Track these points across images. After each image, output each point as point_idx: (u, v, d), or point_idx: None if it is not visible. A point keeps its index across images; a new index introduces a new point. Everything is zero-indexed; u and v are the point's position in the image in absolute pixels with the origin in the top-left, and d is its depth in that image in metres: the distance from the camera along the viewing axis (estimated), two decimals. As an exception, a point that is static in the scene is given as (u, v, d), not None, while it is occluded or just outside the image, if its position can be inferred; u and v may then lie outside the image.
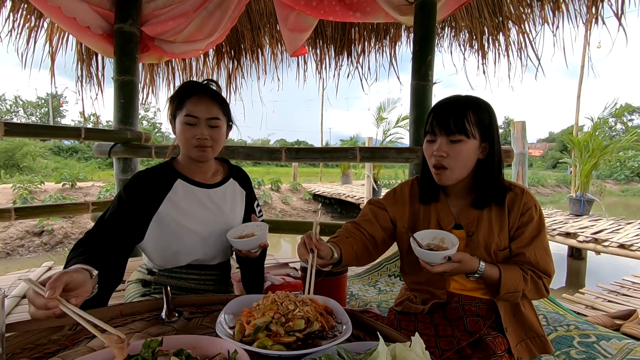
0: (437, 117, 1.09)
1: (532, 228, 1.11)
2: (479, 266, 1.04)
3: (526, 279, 1.06)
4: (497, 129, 1.13)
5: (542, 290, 1.09)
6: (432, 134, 1.11)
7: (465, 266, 1.02)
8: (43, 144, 16.85)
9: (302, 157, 2.48)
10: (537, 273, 1.08)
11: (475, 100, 1.10)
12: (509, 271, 1.06)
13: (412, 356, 0.66)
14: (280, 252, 7.12)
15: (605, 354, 1.38)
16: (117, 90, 2.70)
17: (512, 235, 1.13)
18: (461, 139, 1.06)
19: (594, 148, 6.35)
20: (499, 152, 1.12)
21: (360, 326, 0.91)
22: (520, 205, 1.12)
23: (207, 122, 1.22)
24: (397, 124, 10.22)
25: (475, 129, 1.07)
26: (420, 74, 2.45)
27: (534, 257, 1.09)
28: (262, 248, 1.24)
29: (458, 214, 1.18)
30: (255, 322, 0.76)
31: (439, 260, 0.99)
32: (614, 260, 5.33)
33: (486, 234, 1.12)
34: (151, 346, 0.66)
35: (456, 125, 1.06)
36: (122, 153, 2.64)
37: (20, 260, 5.84)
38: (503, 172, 1.17)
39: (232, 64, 3.76)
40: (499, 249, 1.12)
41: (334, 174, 17.28)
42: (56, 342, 0.79)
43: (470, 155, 1.09)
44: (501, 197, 1.13)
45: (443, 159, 1.08)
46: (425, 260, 1.01)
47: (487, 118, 1.09)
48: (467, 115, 1.06)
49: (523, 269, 1.08)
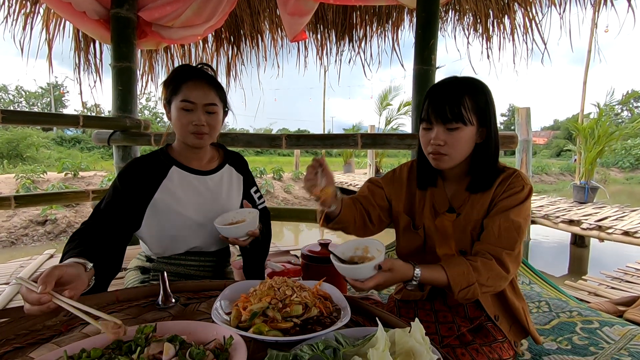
0: (432, 105, 1.04)
1: (507, 203, 1.04)
2: (414, 272, 0.94)
3: (475, 267, 0.96)
4: (494, 112, 1.09)
5: (499, 270, 0.97)
6: (428, 122, 1.07)
7: (398, 275, 0.92)
8: (46, 135, 16.90)
9: (303, 144, 2.45)
10: (488, 254, 0.99)
11: (471, 83, 1.05)
12: (453, 267, 0.97)
13: (411, 342, 0.64)
14: (282, 241, 7.15)
15: (609, 339, 1.37)
16: (115, 77, 2.66)
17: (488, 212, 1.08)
18: (458, 127, 1.02)
19: (600, 135, 6.26)
20: (496, 136, 1.08)
21: (360, 312, 0.90)
22: (506, 184, 1.07)
23: (204, 107, 1.20)
24: (399, 111, 10.13)
25: (473, 115, 1.03)
26: (422, 58, 2.40)
27: (497, 227, 1.01)
28: (251, 237, 1.19)
29: (452, 197, 1.16)
30: (252, 307, 0.75)
31: (368, 272, 0.87)
32: (617, 248, 5.31)
33: (469, 215, 1.09)
34: (144, 332, 0.65)
35: (452, 113, 1.01)
36: (122, 141, 2.62)
37: (25, 249, 5.90)
38: (497, 158, 1.13)
39: (231, 50, 3.69)
40: (475, 229, 1.08)
41: (336, 163, 17.22)
42: (51, 328, 0.78)
43: (468, 141, 1.05)
44: (491, 181, 1.09)
45: (440, 147, 1.04)
46: (352, 277, 0.89)
47: (484, 101, 1.04)
48: (464, 101, 1.01)
49: (470, 258, 0.99)
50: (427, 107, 1.06)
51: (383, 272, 0.88)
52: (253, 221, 1.17)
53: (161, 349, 0.61)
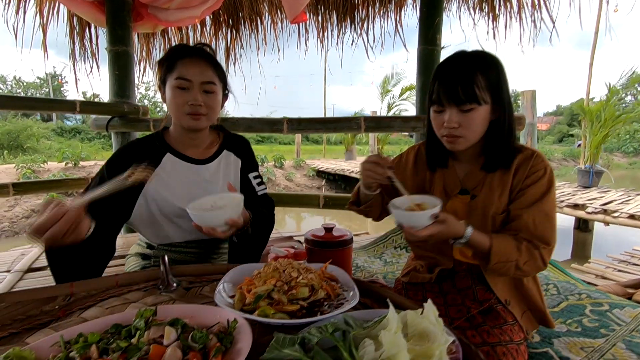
0: (443, 86, 0.98)
1: (535, 191, 1.01)
2: (466, 230, 0.95)
3: (520, 248, 0.97)
4: (508, 86, 1.03)
5: (539, 261, 0.98)
6: (439, 104, 1.01)
7: (451, 228, 0.92)
8: (46, 125, 16.83)
9: (305, 127, 2.40)
10: (533, 242, 0.98)
11: (482, 58, 0.99)
12: (500, 239, 0.97)
13: (425, 323, 0.61)
14: (285, 228, 7.15)
15: (619, 321, 1.34)
16: (111, 62, 2.60)
17: (512, 197, 1.05)
18: (472, 107, 0.97)
19: (607, 117, 6.15)
20: (509, 112, 1.03)
21: (368, 294, 0.87)
22: (528, 167, 1.03)
23: (201, 86, 1.11)
24: (401, 95, 10.00)
25: (486, 93, 0.97)
26: (427, 37, 2.33)
27: (531, 221, 0.99)
28: (232, 227, 0.98)
29: (465, 178, 1.12)
30: (257, 290, 0.72)
31: (424, 221, 0.89)
32: (621, 232, 5.29)
33: (487, 197, 1.05)
34: (144, 316, 0.62)
35: (466, 93, 0.95)
36: (120, 127, 2.57)
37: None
38: (515, 135, 1.08)
39: (230, 33, 3.60)
40: (497, 213, 1.04)
41: (337, 151, 17.15)
42: (48, 313, 0.75)
43: (484, 121, 1.00)
44: (509, 160, 1.05)
45: (455, 130, 1.00)
46: (408, 225, 0.91)
47: (496, 76, 0.99)
48: (476, 80, 0.96)
49: (517, 238, 0.99)
50: (438, 89, 0.99)
51: (437, 224, 0.90)
52: (234, 208, 0.96)
53: (162, 332, 0.58)
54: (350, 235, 1.67)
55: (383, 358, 0.54)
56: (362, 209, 1.20)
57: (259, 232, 1.22)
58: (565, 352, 1.18)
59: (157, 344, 0.55)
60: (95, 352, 0.54)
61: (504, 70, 1.02)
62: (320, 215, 7.78)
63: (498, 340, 0.97)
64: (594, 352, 1.17)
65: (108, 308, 0.77)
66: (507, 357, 0.93)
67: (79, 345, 0.55)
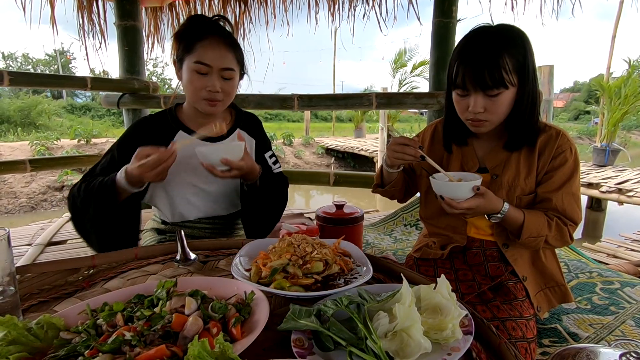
0: (468, 70, 0.94)
1: (563, 173, 1.02)
2: (503, 206, 0.97)
3: (550, 224, 0.99)
4: (534, 64, 0.99)
5: (567, 237, 1.02)
6: (463, 89, 0.97)
7: (490, 203, 0.95)
8: (57, 103, 16.93)
9: (315, 104, 2.37)
10: (562, 219, 1.01)
11: (508, 36, 0.94)
12: (533, 215, 1.00)
13: (438, 298, 0.62)
14: (295, 205, 7.22)
15: (630, 300, 1.35)
16: (120, 37, 2.57)
17: (540, 179, 1.05)
18: (500, 92, 0.94)
19: (628, 94, 5.92)
20: (533, 88, 0.99)
21: (381, 269, 0.88)
22: (554, 147, 1.02)
23: (220, 72, 1.09)
24: (413, 71, 9.75)
25: (514, 75, 0.93)
26: (443, 9, 2.24)
27: (560, 203, 1.01)
28: (230, 169, 1.03)
29: (484, 156, 1.11)
30: (272, 264, 0.73)
31: (465, 192, 0.92)
32: (634, 212, 5.20)
33: (512, 178, 1.05)
34: (166, 286, 0.64)
35: (493, 78, 0.91)
36: (131, 104, 2.58)
37: (45, 214, 6.10)
38: (539, 112, 1.05)
39: (238, 7, 3.51)
40: (523, 194, 1.05)
41: (347, 129, 16.98)
42: (73, 284, 0.78)
43: (510, 103, 0.98)
44: (533, 139, 1.04)
45: (480, 114, 0.97)
46: (450, 196, 0.94)
47: (523, 54, 0.94)
48: (503, 63, 0.91)
49: (548, 214, 1.01)
50: (462, 73, 0.95)
51: (478, 196, 0.92)
52: (231, 149, 1.02)
53: (183, 302, 0.60)
54: (361, 213, 1.69)
55: (397, 330, 0.55)
56: (388, 189, 1.20)
57: (270, 195, 1.23)
58: (573, 328, 1.20)
59: (179, 313, 0.58)
60: (121, 320, 0.57)
61: (531, 46, 0.97)
62: (329, 192, 7.82)
63: (508, 316, 0.98)
64: (603, 329, 1.18)
65: (129, 279, 0.80)
66: (517, 331, 0.95)
67: (105, 313, 0.58)
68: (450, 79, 1.01)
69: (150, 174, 0.93)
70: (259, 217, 1.26)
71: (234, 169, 1.03)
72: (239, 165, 1.03)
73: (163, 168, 0.94)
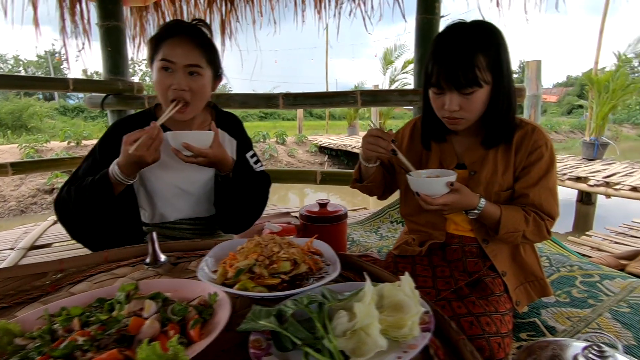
0: (442, 69, 0.94)
1: (539, 168, 1.03)
2: (479, 202, 0.98)
3: (528, 219, 1.01)
4: (509, 60, 0.99)
5: (544, 232, 1.03)
6: (438, 87, 0.98)
7: (466, 198, 0.95)
8: (49, 105, 16.76)
9: (301, 103, 2.36)
10: (539, 214, 1.02)
11: (481, 35, 0.95)
12: (510, 210, 1.01)
13: (400, 295, 0.62)
14: (288, 204, 7.21)
15: (608, 292, 1.36)
16: (103, 38, 2.54)
17: (517, 175, 1.06)
18: (474, 91, 0.94)
19: (615, 88, 5.97)
20: (508, 85, 0.99)
21: (352, 268, 0.88)
22: (530, 143, 1.03)
23: (185, 69, 1.07)
24: (403, 69, 9.76)
25: (487, 73, 0.94)
26: (426, 6, 2.24)
27: (537, 198, 1.02)
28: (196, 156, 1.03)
29: (463, 153, 1.11)
30: (238, 264, 0.73)
31: (440, 188, 0.92)
32: (624, 205, 5.26)
33: (489, 174, 1.06)
34: (126, 289, 0.63)
35: (466, 78, 0.92)
36: (115, 105, 2.55)
37: (35, 217, 6.04)
38: (514, 108, 1.06)
39: (225, 6, 3.49)
40: (501, 189, 1.06)
41: (340, 126, 16.97)
42: (39, 288, 0.77)
43: (485, 100, 0.98)
44: (510, 135, 1.04)
45: (456, 112, 0.98)
46: (426, 192, 0.94)
47: (497, 51, 0.94)
48: (477, 62, 0.91)
49: (525, 209, 1.02)
50: (437, 72, 0.95)
51: (453, 192, 0.93)
52: (198, 136, 1.03)
53: (142, 305, 0.59)
54: (345, 211, 1.69)
55: (356, 328, 0.55)
56: (366, 184, 1.20)
57: (247, 191, 1.22)
58: (551, 321, 1.20)
59: (137, 316, 0.57)
60: (77, 325, 0.56)
61: (505, 42, 0.98)
62: (325, 191, 7.82)
63: (483, 311, 0.99)
64: (580, 322, 1.19)
65: (96, 283, 0.80)
66: (491, 326, 0.95)
67: (62, 318, 0.57)
68: (426, 77, 1.01)
69: (148, 152, 0.97)
70: (234, 212, 1.24)
71: (199, 155, 1.03)
72: (204, 152, 1.03)
73: (156, 145, 0.99)
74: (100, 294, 0.66)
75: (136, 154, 0.95)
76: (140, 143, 0.95)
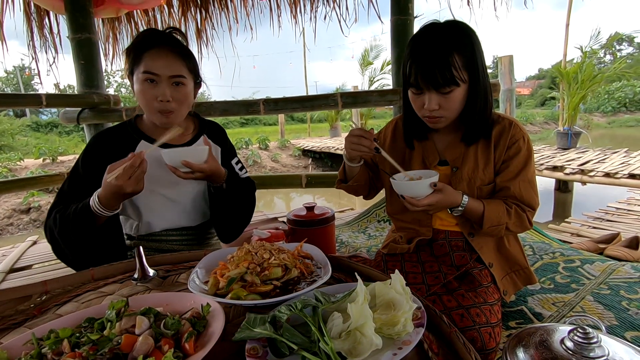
0: (419, 70, 0.96)
1: (518, 161, 1.06)
2: (462, 199, 1.01)
3: (509, 212, 1.04)
4: (483, 58, 1.02)
5: (526, 223, 1.06)
6: (417, 88, 1.00)
7: (449, 197, 0.98)
8: (21, 122, 16.16)
9: (282, 107, 2.36)
10: (521, 206, 1.06)
11: (455, 35, 0.97)
12: (492, 205, 1.04)
13: (391, 293, 0.63)
14: (274, 209, 7.17)
15: (589, 276, 1.41)
16: (75, 51, 2.48)
17: (497, 169, 1.09)
18: (452, 90, 0.97)
19: (583, 79, 6.22)
20: (484, 82, 1.03)
21: (342, 269, 0.89)
22: (508, 137, 1.07)
23: (169, 80, 1.08)
24: (382, 70, 9.89)
25: (464, 72, 0.97)
26: (400, 7, 2.29)
27: (518, 190, 1.06)
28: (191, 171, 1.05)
29: (444, 149, 1.14)
30: (229, 274, 0.72)
31: (424, 190, 0.94)
32: (599, 190, 5.47)
33: (471, 169, 1.09)
34: (116, 307, 0.62)
35: (444, 77, 0.94)
36: (92, 119, 2.49)
37: (12, 238, 5.79)
38: (491, 104, 1.09)
39: (199, 13, 3.47)
40: (483, 184, 1.09)
41: (322, 129, 16.99)
42: (23, 312, 0.75)
43: (464, 98, 1.01)
44: (489, 131, 1.08)
45: (436, 111, 1.00)
46: (409, 195, 0.96)
47: (471, 50, 0.97)
48: (453, 61, 0.94)
49: (507, 202, 1.06)
50: (415, 72, 0.98)
51: (437, 192, 0.95)
52: (192, 152, 1.04)
53: (134, 322, 0.58)
54: (332, 213, 1.70)
55: (351, 329, 0.56)
56: (351, 184, 1.22)
57: (238, 199, 1.25)
58: (538, 308, 1.24)
59: (129, 333, 0.56)
60: (67, 347, 0.55)
61: (479, 40, 1.00)
62: (310, 194, 7.82)
63: (472, 303, 1.01)
64: (565, 307, 1.23)
65: (84, 302, 0.78)
66: (481, 317, 0.98)
67: (50, 341, 0.56)
68: (405, 78, 1.03)
69: (128, 182, 0.93)
70: (228, 220, 1.26)
71: (196, 171, 1.04)
72: (201, 168, 1.04)
73: (138, 175, 0.95)
74: (89, 313, 0.65)
75: (115, 183, 0.92)
76: (120, 173, 0.92)
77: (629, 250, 1.84)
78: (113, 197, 0.96)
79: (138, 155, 0.94)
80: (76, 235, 1.02)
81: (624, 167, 4.69)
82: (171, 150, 1.03)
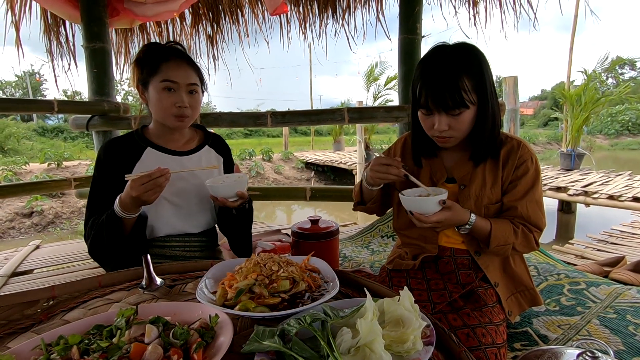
0: (429, 92, 0.98)
1: (526, 182, 1.07)
2: (470, 217, 1.01)
3: (516, 232, 1.04)
4: (492, 79, 1.04)
5: (533, 243, 1.07)
6: (427, 109, 1.02)
7: (457, 215, 0.98)
8: (26, 125, 16.33)
9: (288, 120, 2.39)
10: (527, 226, 1.06)
11: (465, 57, 0.99)
12: (499, 224, 1.04)
13: (400, 310, 0.63)
14: (275, 221, 7.16)
15: (595, 299, 1.40)
16: (88, 59, 2.53)
17: (505, 189, 1.10)
18: (461, 111, 0.99)
19: (587, 101, 6.27)
20: (492, 103, 1.04)
21: (349, 284, 0.89)
22: (516, 158, 1.08)
23: (186, 87, 1.17)
24: (386, 85, 10.00)
25: (473, 94, 0.98)
26: (408, 27, 2.33)
27: (525, 211, 1.06)
28: (240, 198, 1.17)
29: (452, 167, 1.15)
30: (238, 285, 0.73)
31: (432, 207, 0.95)
32: (602, 212, 5.44)
33: (478, 188, 1.09)
34: (125, 315, 0.62)
35: (454, 100, 0.96)
36: (101, 126, 2.52)
37: (13, 242, 5.79)
38: (500, 124, 1.11)
39: (210, 27, 3.54)
40: (490, 203, 1.09)
41: (326, 142, 17.10)
42: (30, 317, 0.75)
43: (473, 119, 1.03)
44: (497, 151, 1.09)
45: (446, 132, 1.02)
46: (418, 211, 0.96)
47: (480, 72, 0.99)
48: (463, 84, 0.96)
49: (514, 222, 1.06)
50: (425, 95, 0.99)
51: (445, 210, 0.95)
52: (242, 183, 1.16)
53: (143, 331, 0.58)
54: (337, 227, 1.70)
55: (360, 345, 0.56)
56: (369, 206, 1.24)
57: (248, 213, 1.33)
58: (543, 330, 1.23)
59: (138, 342, 0.56)
60: (77, 353, 0.55)
61: (487, 62, 1.02)
62: (312, 207, 7.81)
63: (478, 322, 1.00)
64: (570, 329, 1.22)
65: (91, 309, 0.78)
66: (487, 337, 0.97)
67: (60, 347, 0.56)
68: (414, 99, 1.05)
69: (146, 194, 1.00)
70: (246, 236, 1.36)
71: (241, 197, 1.16)
72: (245, 195, 1.17)
73: (159, 190, 1.02)
74: (98, 320, 0.65)
75: (134, 194, 1.00)
76: (142, 185, 1.00)
77: (634, 274, 1.82)
78: (131, 203, 1.03)
79: (160, 170, 1.02)
80: (109, 238, 1.09)
81: (628, 189, 4.68)
82: (220, 185, 1.13)
